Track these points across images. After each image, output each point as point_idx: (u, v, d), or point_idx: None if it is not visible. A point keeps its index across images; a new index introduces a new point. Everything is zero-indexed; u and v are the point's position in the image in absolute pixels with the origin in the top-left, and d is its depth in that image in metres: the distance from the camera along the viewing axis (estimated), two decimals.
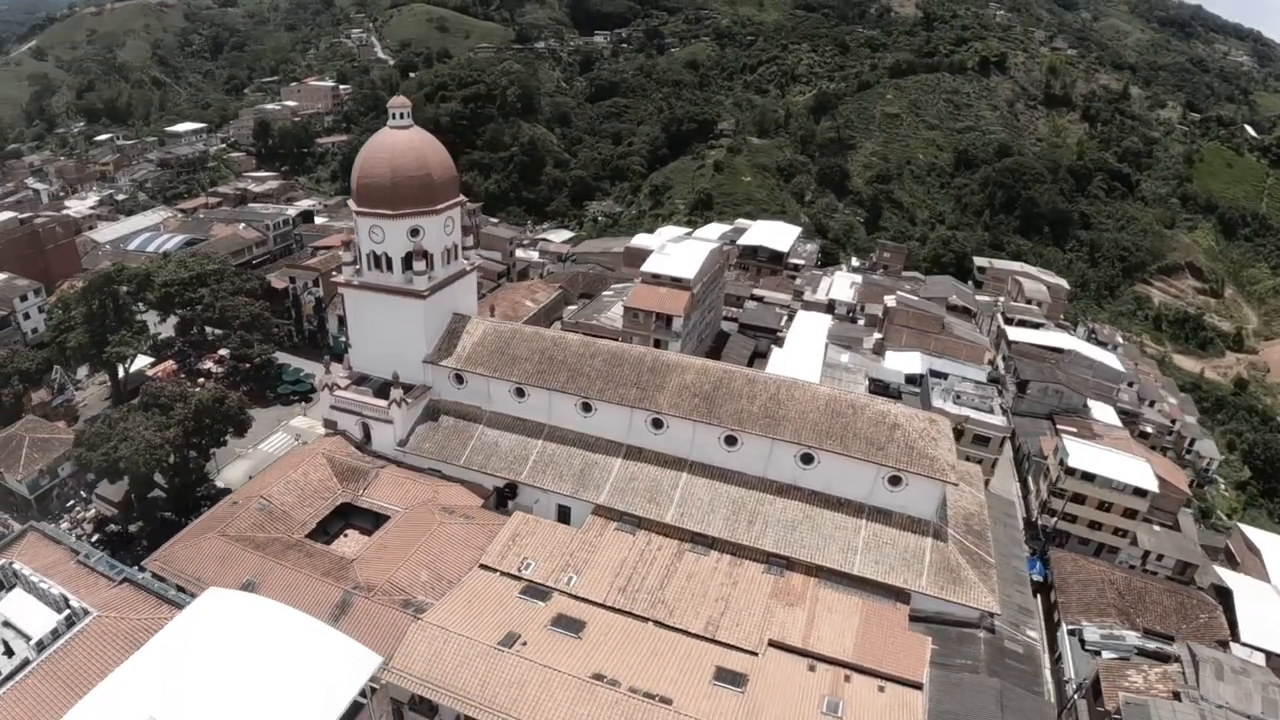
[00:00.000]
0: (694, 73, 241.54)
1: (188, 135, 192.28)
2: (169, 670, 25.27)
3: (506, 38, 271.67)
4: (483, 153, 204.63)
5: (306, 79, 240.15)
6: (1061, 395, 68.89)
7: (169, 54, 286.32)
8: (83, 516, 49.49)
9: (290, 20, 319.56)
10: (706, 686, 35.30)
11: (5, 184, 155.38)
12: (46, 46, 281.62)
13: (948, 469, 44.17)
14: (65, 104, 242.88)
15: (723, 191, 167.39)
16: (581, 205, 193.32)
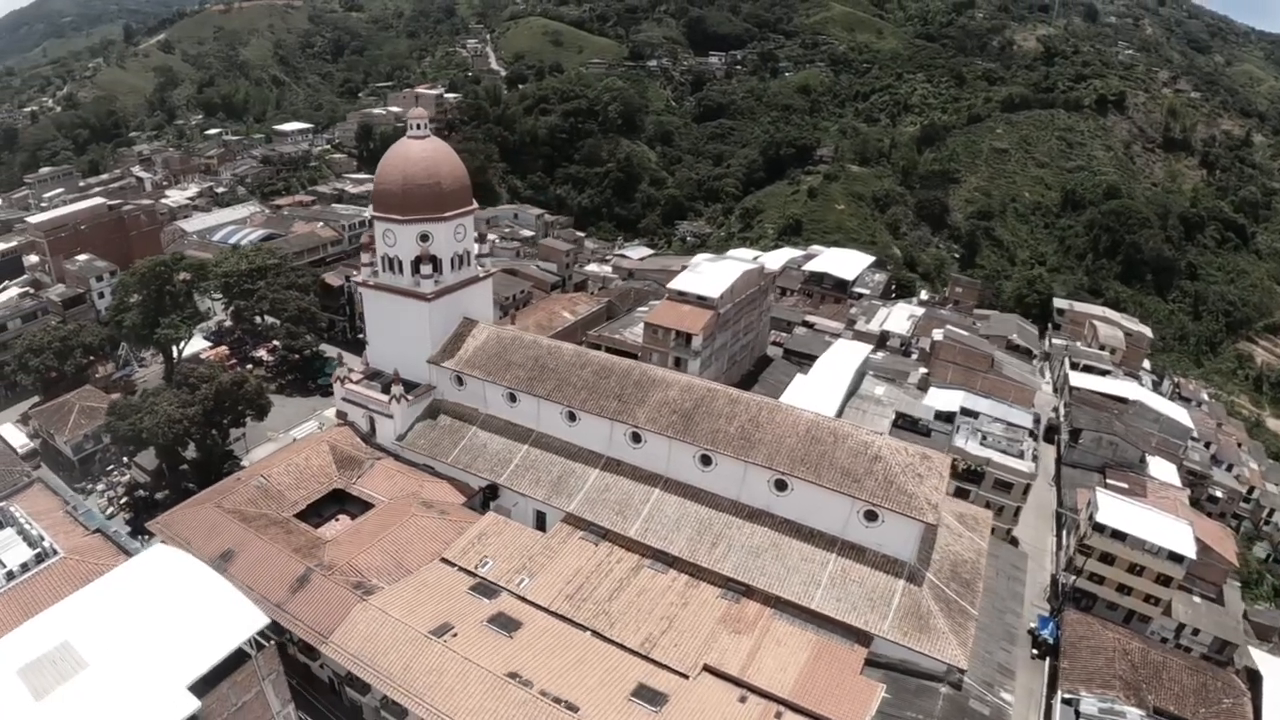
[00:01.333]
0: (805, 98, 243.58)
1: (293, 134, 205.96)
2: (97, 606, 29.14)
3: (619, 54, 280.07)
4: (579, 167, 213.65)
5: (418, 86, 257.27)
6: (1116, 447, 63.73)
7: (290, 54, 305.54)
8: (118, 481, 56.52)
9: (412, 27, 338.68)
10: (622, 701, 35.79)
11: (113, 170, 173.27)
12: (174, 40, 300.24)
13: (927, 508, 42.39)
14: (186, 97, 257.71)
15: (814, 218, 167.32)
16: (673, 224, 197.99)
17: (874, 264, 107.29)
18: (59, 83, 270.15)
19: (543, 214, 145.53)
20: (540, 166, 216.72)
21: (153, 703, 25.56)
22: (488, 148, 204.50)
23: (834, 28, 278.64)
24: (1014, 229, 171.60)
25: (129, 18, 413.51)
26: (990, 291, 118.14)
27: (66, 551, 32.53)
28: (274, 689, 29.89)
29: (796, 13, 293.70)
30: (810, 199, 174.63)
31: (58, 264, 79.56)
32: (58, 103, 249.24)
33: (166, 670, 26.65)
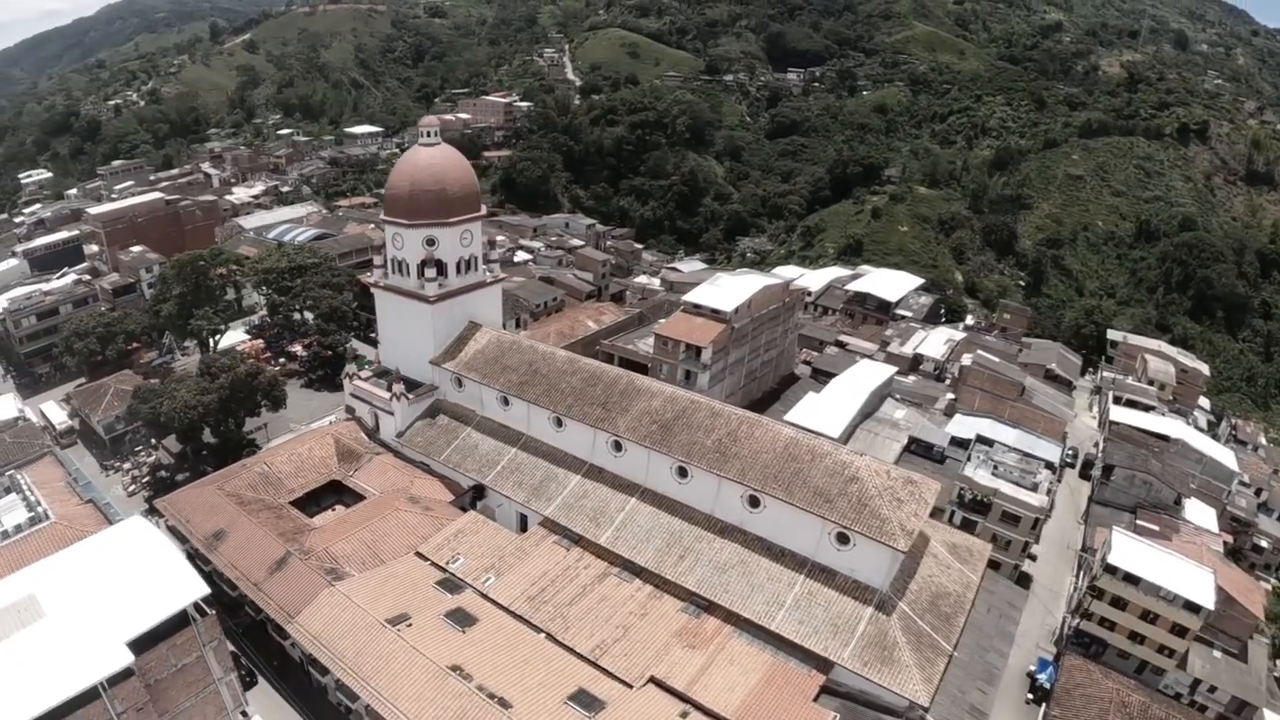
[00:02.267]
0: (881, 117, 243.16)
1: (363, 137, 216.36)
2: (67, 566, 32.36)
3: (696, 68, 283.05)
4: (643, 179, 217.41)
5: (492, 93, 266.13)
6: (1150, 487, 60.01)
7: (370, 58, 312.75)
8: (143, 461, 61.47)
9: (493, 35, 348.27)
10: (557, 704, 36.55)
11: (184, 165, 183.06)
12: (259, 40, 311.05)
13: (899, 534, 41.35)
14: (266, 97, 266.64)
15: (875, 239, 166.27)
16: (734, 240, 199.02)
17: (922, 287, 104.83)
18: (144, 77, 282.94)
19: (594, 224, 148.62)
20: (604, 177, 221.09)
21: (93, 653, 28.25)
22: (551, 156, 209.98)
23: (915, 47, 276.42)
24: (1084, 258, 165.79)
25: (221, 15, 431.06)
26: (1051, 321, 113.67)
27: (58, 517, 36.29)
28: (215, 656, 32.27)
29: (879, 31, 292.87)
30: (874, 219, 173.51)
31: (113, 254, 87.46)
32: (141, 97, 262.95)
33: (112, 626, 29.39)
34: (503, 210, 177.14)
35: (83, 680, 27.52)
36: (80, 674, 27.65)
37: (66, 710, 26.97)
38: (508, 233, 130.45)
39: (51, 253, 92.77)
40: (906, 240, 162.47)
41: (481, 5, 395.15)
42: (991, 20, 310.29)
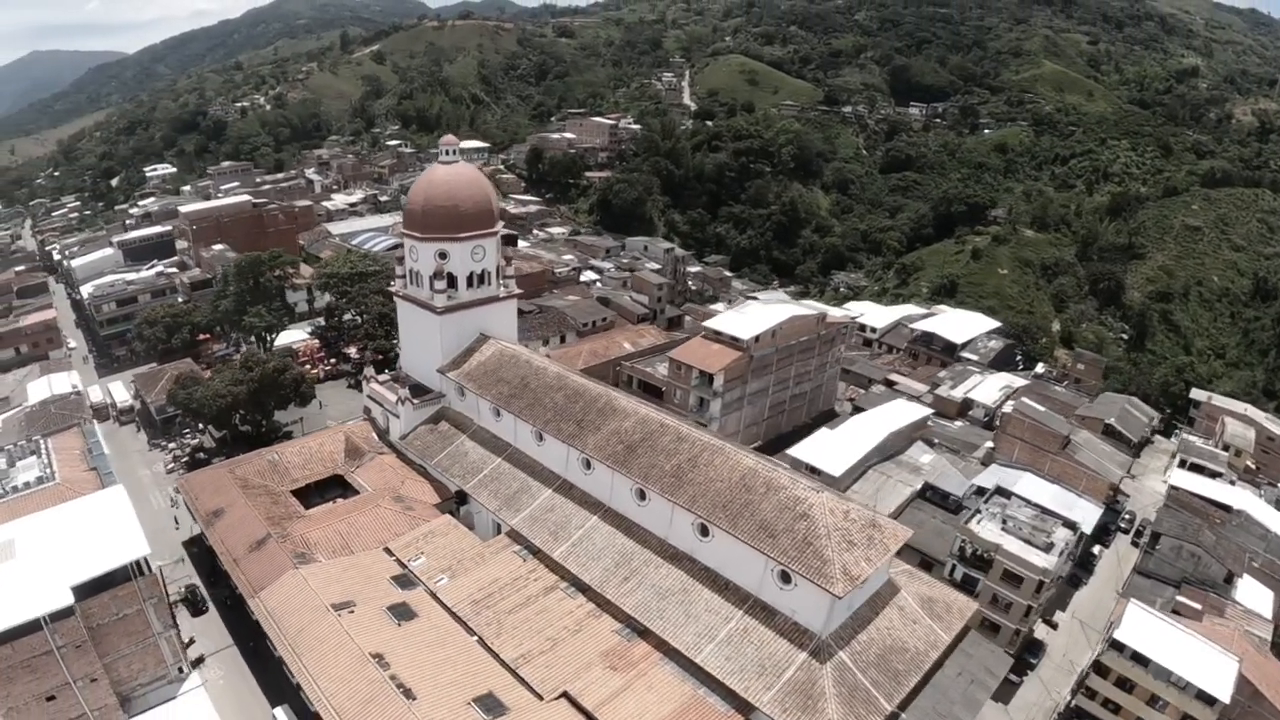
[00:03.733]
0: (1001, 157, 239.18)
1: (469, 152, 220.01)
2: (50, 520, 38.48)
3: (814, 98, 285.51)
4: (743, 207, 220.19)
5: (607, 115, 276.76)
6: (1198, 560, 54.45)
7: (493, 74, 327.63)
8: (188, 443, 69.69)
9: (618, 57, 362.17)
10: (461, 704, 38.66)
11: (291, 170, 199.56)
12: (387, 52, 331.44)
13: (838, 578, 40.45)
14: (386, 108, 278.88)
15: (972, 280, 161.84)
16: (829, 273, 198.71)
17: (996, 331, 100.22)
18: (272, 82, 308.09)
19: (672, 248, 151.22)
20: (703, 203, 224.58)
21: (44, 591, 33.68)
22: (649, 180, 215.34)
23: (1043, 86, 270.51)
24: (1194, 314, 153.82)
25: (362, 25, 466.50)
26: (1144, 377, 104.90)
27: (62, 480, 43.04)
28: (155, 612, 37.04)
29: (1006, 68, 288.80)
30: (973, 260, 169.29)
31: (198, 251, 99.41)
32: (268, 101, 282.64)
33: (64, 573, 34.73)
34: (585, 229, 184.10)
35: (28, 613, 32.78)
36: (27, 608, 32.93)
37: (11, 636, 32.31)
38: (578, 252, 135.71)
39: (145, 245, 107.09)
40: (1004, 284, 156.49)
41: (610, 27, 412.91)
42: (1125, 62, 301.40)
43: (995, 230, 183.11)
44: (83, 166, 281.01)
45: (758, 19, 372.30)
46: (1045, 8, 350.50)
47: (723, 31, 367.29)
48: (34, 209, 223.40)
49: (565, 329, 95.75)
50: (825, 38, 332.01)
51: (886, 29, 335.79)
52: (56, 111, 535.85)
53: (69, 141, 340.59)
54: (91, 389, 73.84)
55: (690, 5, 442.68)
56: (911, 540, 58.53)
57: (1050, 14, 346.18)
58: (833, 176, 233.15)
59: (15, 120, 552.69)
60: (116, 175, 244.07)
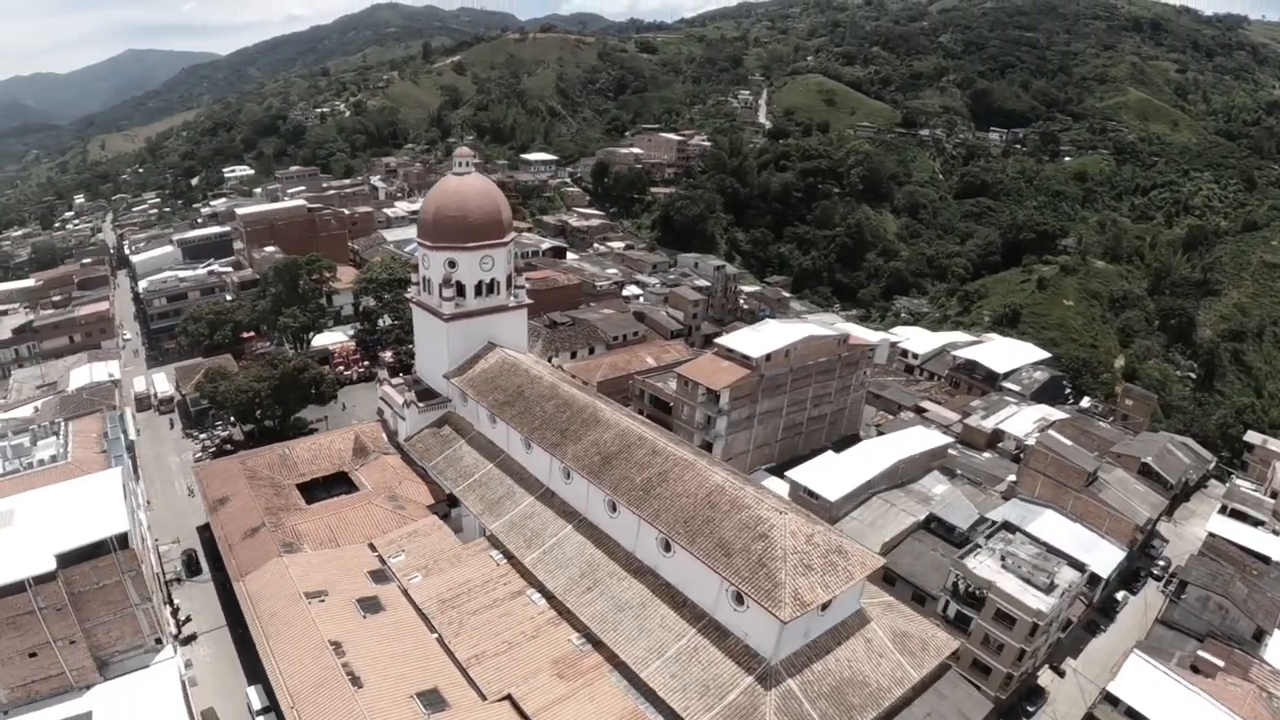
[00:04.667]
0: (1080, 185, 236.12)
1: (536, 164, 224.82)
2: (50, 494, 42.86)
3: (891, 120, 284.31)
4: (808, 228, 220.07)
5: (682, 130, 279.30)
6: (1226, 614, 50.86)
7: (570, 87, 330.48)
8: (218, 435, 75.05)
9: (697, 74, 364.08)
10: (404, 696, 40.54)
11: (357, 175, 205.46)
12: (468, 63, 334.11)
13: (786, 602, 40.11)
14: (463, 118, 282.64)
15: (1036, 310, 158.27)
16: (892, 298, 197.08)
17: (1044, 361, 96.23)
18: (353, 89, 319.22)
19: (723, 265, 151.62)
20: (767, 223, 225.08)
21: (31, 556, 37.63)
22: (711, 197, 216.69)
23: (1127, 114, 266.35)
24: (1269, 355, 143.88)
25: (449, 35, 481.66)
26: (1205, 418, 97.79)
27: (73, 460, 47.80)
28: (133, 585, 40.61)
29: (1090, 94, 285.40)
30: (1039, 289, 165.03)
31: (250, 252, 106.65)
32: (348, 107, 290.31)
33: (52, 543, 38.70)
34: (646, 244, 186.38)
35: (13, 575, 36.73)
36: (14, 570, 36.91)
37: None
38: (625, 266, 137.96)
39: (204, 244, 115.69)
40: (1069, 315, 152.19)
41: (692, 43, 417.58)
42: (1214, 92, 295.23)
43: (1064, 260, 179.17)
44: (166, 165, 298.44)
45: (840, 39, 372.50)
46: (1134, 34, 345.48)
47: (805, 51, 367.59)
48: (116, 204, 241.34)
49: (595, 341, 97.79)
50: (907, 59, 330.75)
51: (970, 52, 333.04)
52: (149, 109, 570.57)
53: (157, 139, 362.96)
54: (138, 379, 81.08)
55: (775, 24, 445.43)
56: (906, 572, 57.69)
57: (1139, 40, 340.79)
58: (904, 200, 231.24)
59: (109, 116, 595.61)
60: (197, 175, 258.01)
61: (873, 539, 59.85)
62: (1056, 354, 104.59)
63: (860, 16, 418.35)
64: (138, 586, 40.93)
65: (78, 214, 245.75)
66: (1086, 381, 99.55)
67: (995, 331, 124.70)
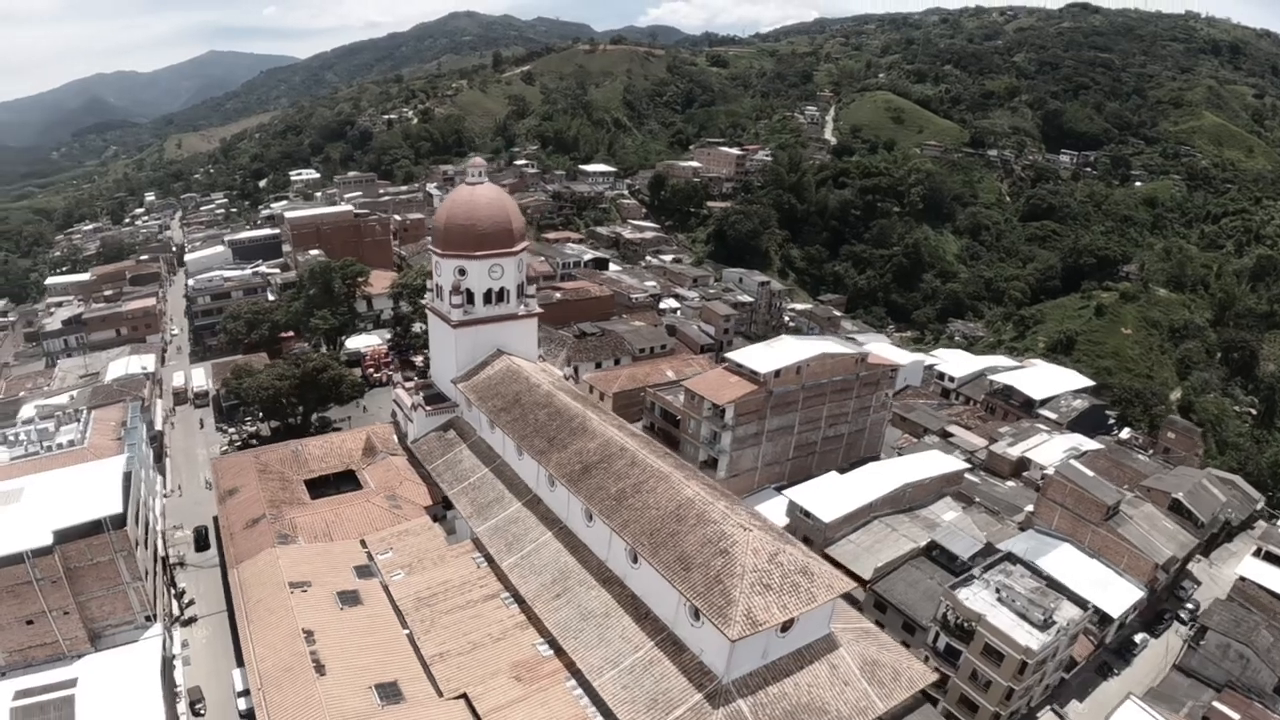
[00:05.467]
0: (1149, 211, 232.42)
1: (594, 175, 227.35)
2: (60, 476, 46.90)
3: (959, 139, 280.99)
4: (865, 247, 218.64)
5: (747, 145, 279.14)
6: (1247, 664, 47.88)
7: (637, 99, 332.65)
8: (247, 430, 79.52)
9: (766, 88, 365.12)
10: (363, 686, 42.44)
11: (414, 184, 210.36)
12: (537, 73, 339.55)
13: (736, 621, 40.02)
14: (528, 128, 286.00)
15: (1091, 338, 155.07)
16: (947, 320, 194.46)
17: (1087, 389, 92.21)
18: (422, 96, 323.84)
19: (768, 281, 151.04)
20: (823, 240, 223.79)
21: (30, 530, 41.38)
22: (766, 212, 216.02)
23: (1200, 139, 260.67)
24: None
25: (524, 45, 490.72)
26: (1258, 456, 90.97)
27: (89, 445, 52.09)
28: (124, 564, 43.98)
29: (1165, 118, 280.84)
30: (1097, 316, 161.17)
31: (295, 255, 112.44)
32: (416, 114, 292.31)
33: (53, 520, 42.41)
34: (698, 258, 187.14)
35: (13, 547, 40.49)
36: (14, 542, 40.67)
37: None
38: (666, 279, 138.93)
39: (254, 245, 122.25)
40: (1125, 344, 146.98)
41: (764, 58, 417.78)
42: None
43: (1125, 286, 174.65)
44: (236, 166, 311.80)
45: (913, 56, 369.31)
46: (1212, 58, 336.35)
47: (876, 68, 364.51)
48: (185, 202, 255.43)
49: (621, 353, 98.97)
50: (979, 78, 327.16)
51: (1044, 72, 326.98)
52: (226, 110, 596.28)
53: (231, 140, 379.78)
54: (177, 374, 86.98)
55: (849, 40, 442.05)
56: (897, 600, 56.56)
57: (1217, 64, 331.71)
58: (966, 221, 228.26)
59: (187, 116, 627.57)
60: (265, 177, 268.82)
61: (866, 563, 58.88)
62: (1108, 383, 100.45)
63: (935, 34, 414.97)
64: (129, 566, 44.25)
65: (148, 211, 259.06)
66: (1133, 413, 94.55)
67: (1049, 358, 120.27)
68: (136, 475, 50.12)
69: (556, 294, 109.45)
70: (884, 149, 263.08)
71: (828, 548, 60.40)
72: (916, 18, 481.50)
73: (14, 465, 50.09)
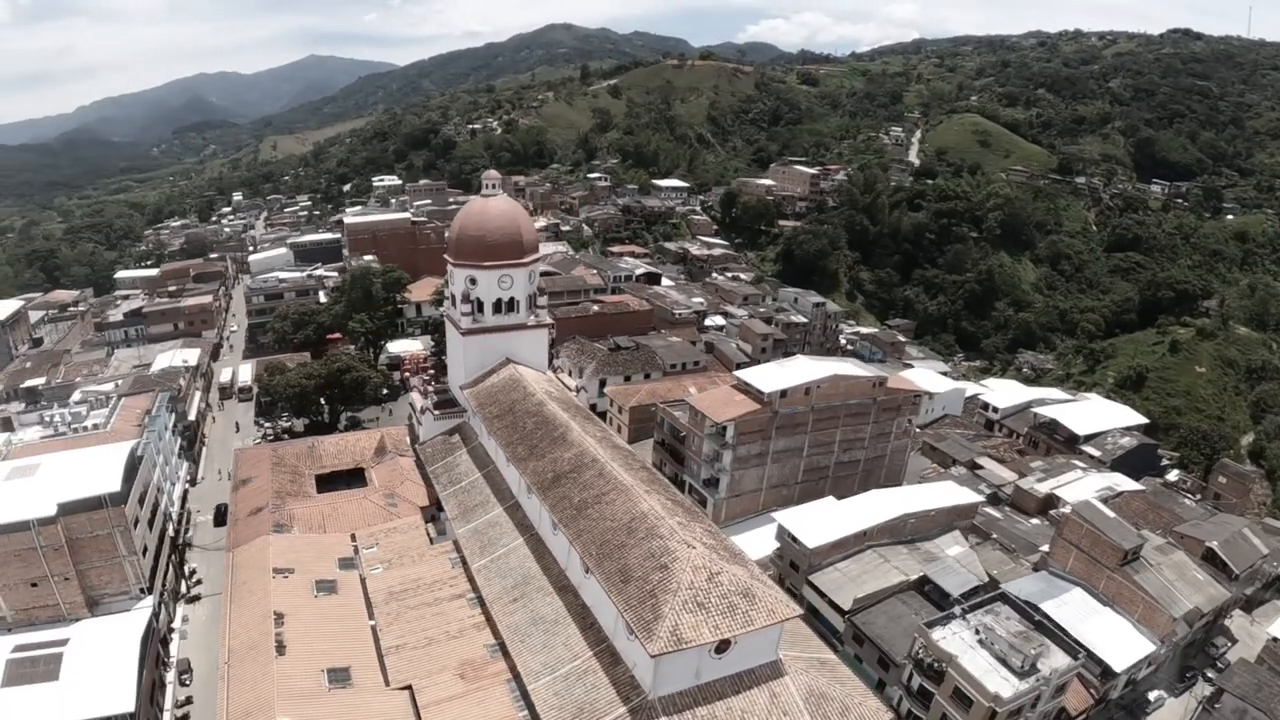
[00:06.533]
0: (1239, 245, 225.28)
1: (667, 190, 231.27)
2: (77, 455, 52.52)
3: (1046, 165, 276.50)
4: (938, 272, 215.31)
5: (830, 164, 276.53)
6: None
7: (722, 116, 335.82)
8: (282, 426, 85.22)
9: (855, 108, 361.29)
10: (315, 669, 45.29)
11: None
12: (624, 87, 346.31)
13: (660, 636, 40.17)
14: (610, 141, 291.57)
15: (1163, 375, 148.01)
16: (1017, 351, 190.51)
17: (1140, 427, 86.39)
18: (508, 107, 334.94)
19: (824, 303, 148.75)
20: (895, 263, 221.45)
21: (37, 500, 46.66)
22: (836, 233, 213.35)
23: None
24: None
25: (618, 58, 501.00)
26: None
27: (111, 429, 57.87)
28: (121, 538, 48.80)
29: (1262, 149, 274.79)
30: (1170, 353, 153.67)
31: (351, 259, 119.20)
32: (500, 124, 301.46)
33: (59, 493, 47.67)
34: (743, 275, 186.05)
35: (20, 515, 45.81)
36: (22, 511, 46.00)
37: (8, 530, 45.43)
38: (714, 296, 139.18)
39: (315, 249, 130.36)
40: (1198, 384, 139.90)
41: (855, 77, 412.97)
42: None
43: (1202, 323, 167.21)
44: (323, 170, 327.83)
45: (1005, 79, 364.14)
46: None
47: (969, 90, 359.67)
48: (270, 204, 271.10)
49: (652, 368, 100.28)
50: (1072, 103, 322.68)
51: (1139, 98, 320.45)
52: (324, 114, 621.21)
53: (323, 144, 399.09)
54: (226, 369, 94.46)
55: (943, 62, 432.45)
56: (875, 634, 55.01)
57: None
58: (1046, 249, 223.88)
59: (285, 118, 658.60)
60: (349, 181, 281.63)
61: (848, 592, 57.59)
62: (1176, 423, 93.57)
63: (1031, 57, 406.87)
64: (126, 540, 49.00)
65: (234, 210, 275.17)
66: (1191, 455, 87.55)
67: (1118, 395, 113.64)
68: (149, 458, 55.26)
69: (594, 306, 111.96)
70: (968, 173, 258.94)
71: (811, 575, 59.48)
72: (1014, 40, 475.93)
73: (42, 443, 56.57)
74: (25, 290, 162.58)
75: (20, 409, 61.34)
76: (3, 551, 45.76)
